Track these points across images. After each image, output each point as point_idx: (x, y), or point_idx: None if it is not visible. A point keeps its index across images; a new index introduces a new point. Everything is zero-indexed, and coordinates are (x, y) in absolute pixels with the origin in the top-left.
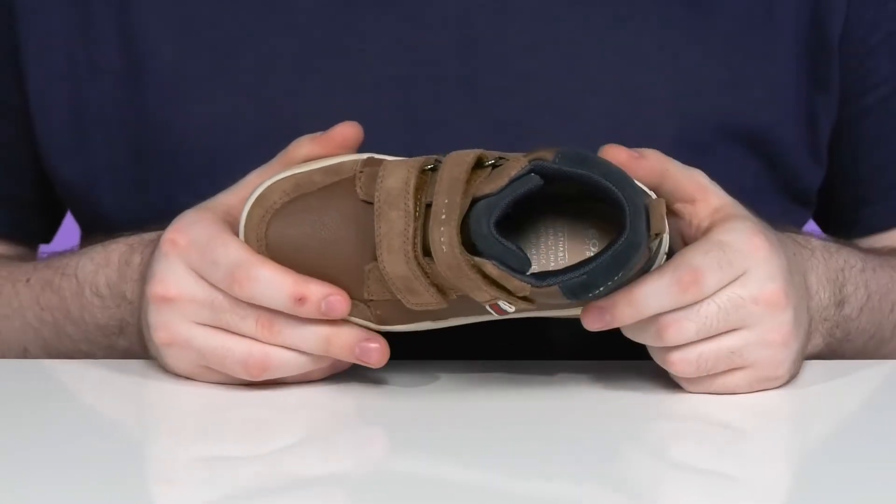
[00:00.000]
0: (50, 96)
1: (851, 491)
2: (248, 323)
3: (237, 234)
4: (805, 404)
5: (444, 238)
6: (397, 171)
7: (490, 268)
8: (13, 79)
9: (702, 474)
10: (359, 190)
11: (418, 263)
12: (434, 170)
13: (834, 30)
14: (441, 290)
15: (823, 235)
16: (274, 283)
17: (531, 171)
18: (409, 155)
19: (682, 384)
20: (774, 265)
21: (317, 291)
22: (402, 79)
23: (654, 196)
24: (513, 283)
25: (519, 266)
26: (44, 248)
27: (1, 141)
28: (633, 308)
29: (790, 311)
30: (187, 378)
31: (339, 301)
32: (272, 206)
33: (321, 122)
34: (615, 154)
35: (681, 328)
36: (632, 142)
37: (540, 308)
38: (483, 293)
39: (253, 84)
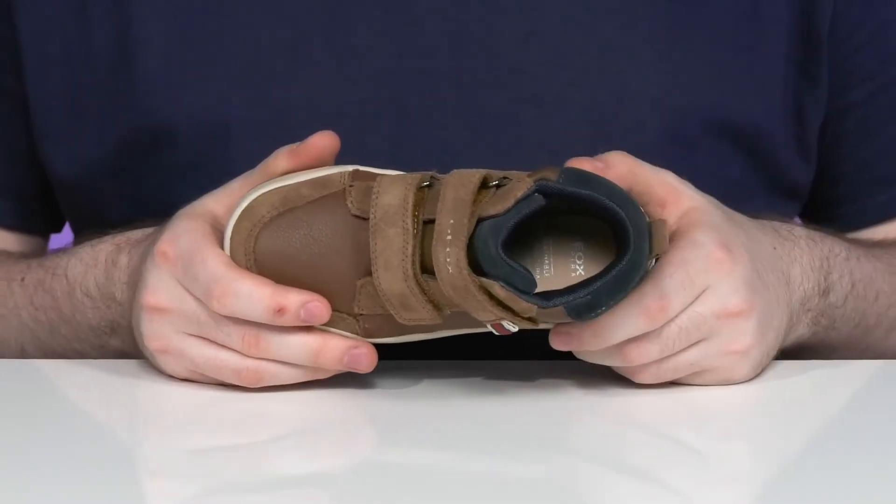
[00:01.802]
0: (45, 83)
1: (835, 489)
2: (233, 340)
3: (222, 245)
4: (791, 403)
5: (451, 259)
6: (394, 187)
7: (498, 289)
8: (12, 67)
9: (687, 471)
10: (350, 204)
11: (417, 281)
12: (430, 186)
13: (822, 23)
14: (436, 306)
15: (808, 225)
16: (252, 296)
17: (536, 191)
18: (397, 148)
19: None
20: (738, 277)
21: (295, 300)
22: (390, 71)
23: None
24: (520, 304)
25: (525, 287)
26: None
27: (3, 131)
28: (599, 338)
29: (753, 318)
30: (180, 379)
31: (317, 307)
32: (260, 219)
33: (312, 113)
34: (578, 166)
35: (643, 351)
36: (618, 136)
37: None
38: (488, 313)
39: (245, 72)
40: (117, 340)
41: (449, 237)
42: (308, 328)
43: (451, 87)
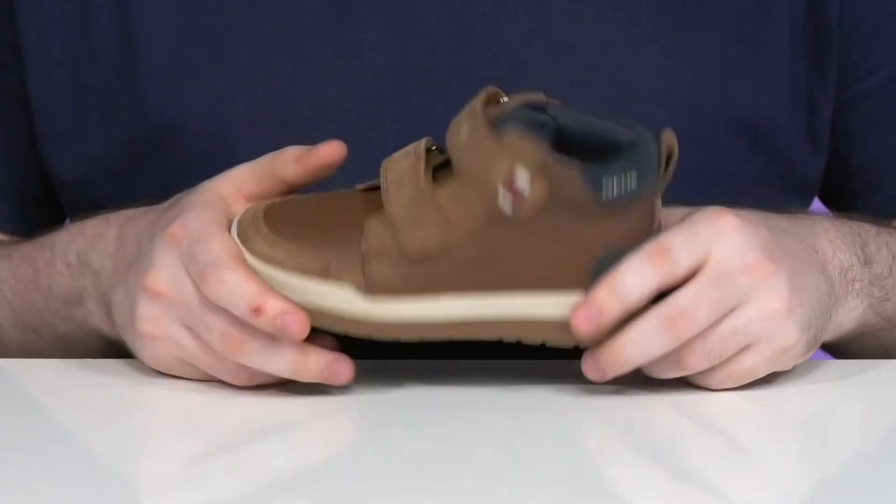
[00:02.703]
0: (48, 84)
1: (858, 491)
2: (214, 336)
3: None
4: (814, 404)
5: (466, 126)
6: (404, 157)
7: (511, 133)
8: (14, 68)
9: (702, 473)
10: (360, 186)
11: (428, 185)
12: (439, 149)
13: (831, 12)
14: (446, 221)
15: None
16: (238, 288)
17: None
18: (401, 145)
19: (703, 383)
20: (748, 235)
21: (275, 306)
22: (395, 68)
23: None
24: (532, 150)
25: (538, 134)
26: None
27: (5, 132)
28: (614, 294)
29: (783, 274)
30: (160, 372)
31: (294, 322)
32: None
33: (316, 110)
34: None
35: (691, 317)
36: None
37: (552, 214)
38: (501, 166)
39: (248, 70)
40: (83, 311)
41: (463, 117)
42: (287, 344)
43: (455, 84)
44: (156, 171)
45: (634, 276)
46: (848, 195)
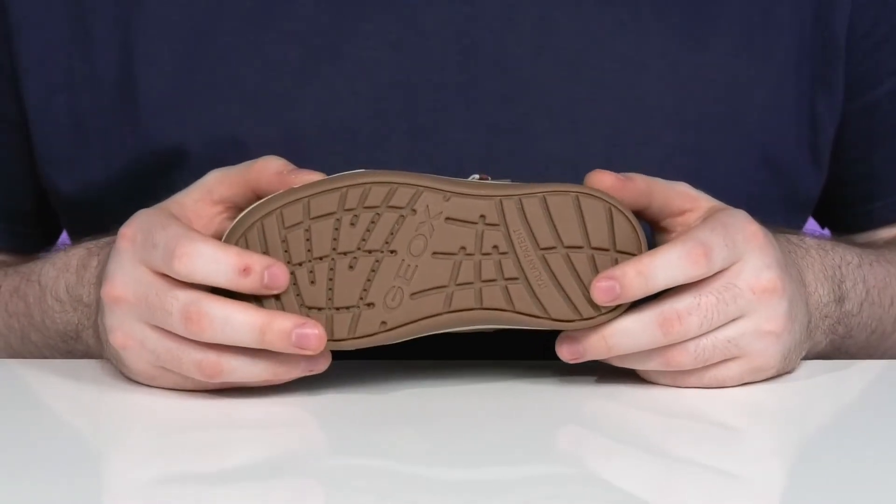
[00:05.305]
0: (48, 107)
1: (843, 489)
2: (174, 319)
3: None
4: (800, 402)
5: None
6: None
7: None
8: (10, 93)
9: (696, 472)
10: None
11: None
12: None
13: (839, 26)
14: None
15: (817, 234)
16: (216, 256)
17: None
18: (408, 163)
19: (671, 380)
20: (769, 254)
21: (260, 261)
22: (401, 85)
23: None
24: None
25: None
26: None
27: (0, 155)
28: (642, 278)
29: (785, 300)
30: (145, 384)
31: (280, 271)
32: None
33: (323, 129)
34: (602, 179)
35: (685, 322)
36: (632, 149)
37: None
38: None
39: (252, 93)
40: (82, 345)
41: None
42: (252, 307)
43: (462, 101)
44: (161, 193)
45: (668, 269)
46: (847, 201)
